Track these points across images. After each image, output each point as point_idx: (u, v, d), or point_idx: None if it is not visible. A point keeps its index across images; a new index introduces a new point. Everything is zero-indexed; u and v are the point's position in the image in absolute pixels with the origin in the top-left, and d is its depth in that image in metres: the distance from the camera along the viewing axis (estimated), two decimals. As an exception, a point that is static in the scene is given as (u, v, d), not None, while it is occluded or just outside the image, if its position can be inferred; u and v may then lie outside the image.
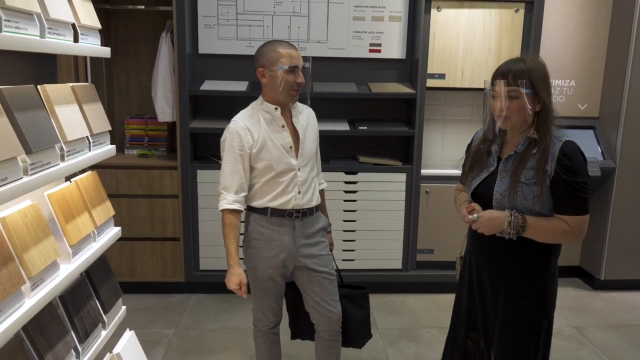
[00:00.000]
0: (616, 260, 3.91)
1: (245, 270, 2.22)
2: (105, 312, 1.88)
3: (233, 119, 2.21)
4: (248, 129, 2.15)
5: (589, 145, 3.95)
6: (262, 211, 2.21)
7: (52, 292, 1.48)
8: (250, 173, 2.20)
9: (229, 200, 2.16)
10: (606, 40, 3.94)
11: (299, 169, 2.20)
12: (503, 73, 1.78)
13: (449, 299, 3.79)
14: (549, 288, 1.88)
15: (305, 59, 2.17)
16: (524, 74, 1.74)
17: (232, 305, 3.63)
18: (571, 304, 3.78)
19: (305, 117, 2.30)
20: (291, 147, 2.18)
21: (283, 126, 2.18)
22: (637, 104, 3.75)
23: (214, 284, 3.77)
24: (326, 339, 2.36)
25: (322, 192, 2.45)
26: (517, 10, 3.65)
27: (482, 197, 1.88)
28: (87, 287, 1.81)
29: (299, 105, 2.30)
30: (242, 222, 2.25)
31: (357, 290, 2.46)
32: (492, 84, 1.81)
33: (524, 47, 3.68)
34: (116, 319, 1.98)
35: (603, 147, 3.93)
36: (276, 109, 2.17)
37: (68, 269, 1.60)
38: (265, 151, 2.15)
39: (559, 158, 1.73)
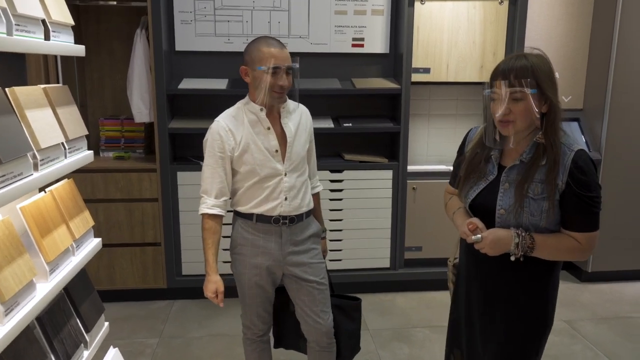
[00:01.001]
0: (603, 252, 3.91)
1: (232, 275, 2.14)
2: (87, 330, 1.75)
3: (216, 118, 2.09)
4: (230, 130, 2.03)
5: (574, 137, 3.93)
6: (248, 216, 2.10)
7: (28, 316, 1.35)
8: (233, 177, 2.09)
9: (209, 205, 2.07)
10: (589, 31, 3.93)
11: (285, 174, 2.07)
12: (504, 72, 1.56)
13: (439, 297, 3.78)
14: (550, 298, 1.72)
15: (293, 59, 2.02)
16: (527, 71, 1.53)
17: (217, 310, 3.51)
18: (560, 297, 3.67)
19: (297, 117, 2.15)
20: (277, 151, 2.06)
21: (269, 128, 2.06)
22: (621, 95, 3.74)
23: (198, 289, 3.61)
24: (316, 350, 2.27)
25: (316, 195, 2.34)
26: (502, 2, 3.59)
27: (482, 209, 1.68)
28: (67, 306, 1.68)
29: (291, 104, 2.16)
30: (229, 224, 2.15)
31: (348, 301, 2.34)
32: (492, 85, 1.59)
33: (508, 39, 3.63)
34: (99, 336, 1.85)
35: (588, 138, 3.92)
36: (261, 109, 2.04)
37: (45, 288, 1.47)
38: (249, 154, 2.03)
39: (571, 171, 1.55)
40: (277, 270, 2.14)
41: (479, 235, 1.62)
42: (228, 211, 2.13)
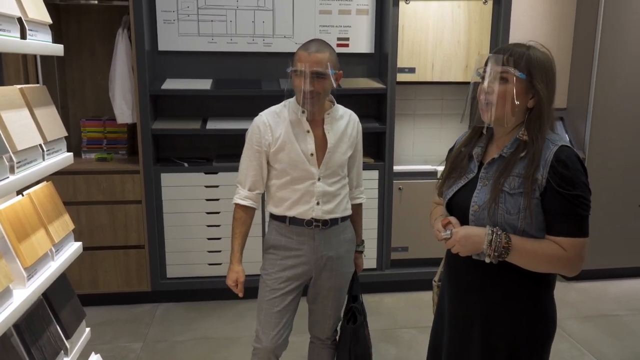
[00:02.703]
0: (588, 250, 3.92)
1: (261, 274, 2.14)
2: (68, 337, 1.70)
3: (260, 113, 2.09)
4: (270, 125, 2.03)
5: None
6: (282, 219, 2.09)
7: (5, 323, 1.31)
8: (269, 172, 2.09)
9: (242, 196, 2.09)
10: (572, 31, 3.95)
11: (319, 179, 2.04)
12: (499, 51, 1.48)
13: (426, 297, 3.76)
14: (539, 329, 1.51)
15: (324, 66, 1.93)
16: (522, 57, 1.44)
17: (202, 313, 3.47)
18: (546, 296, 3.77)
19: (343, 124, 2.11)
20: (312, 155, 2.03)
21: (308, 131, 2.04)
22: (604, 94, 3.77)
23: (183, 291, 3.61)
24: (316, 344, 2.31)
25: (357, 206, 2.30)
26: (486, 1, 3.60)
27: (459, 208, 1.56)
28: (46, 312, 1.63)
29: (339, 110, 2.12)
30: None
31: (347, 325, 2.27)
32: (486, 63, 1.49)
33: (493, 39, 3.64)
34: (79, 343, 1.81)
35: (572, 137, 3.94)
36: (303, 112, 2.02)
37: (23, 294, 1.43)
38: (284, 153, 2.02)
39: (552, 165, 1.40)
40: (307, 273, 2.12)
41: (449, 231, 1.50)
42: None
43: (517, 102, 1.44)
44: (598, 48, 3.70)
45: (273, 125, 2.04)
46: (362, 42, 3.71)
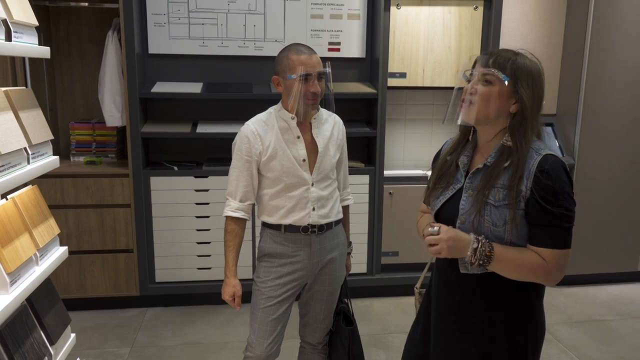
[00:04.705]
0: (576, 255, 3.94)
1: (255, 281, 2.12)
2: (52, 343, 1.68)
3: (247, 122, 2.07)
4: (259, 134, 2.01)
5: (548, 142, 3.98)
6: (276, 227, 2.07)
7: (-14, 329, 1.29)
8: (260, 182, 2.07)
9: (233, 208, 2.05)
10: (562, 37, 3.98)
11: (312, 184, 2.04)
12: (487, 53, 1.49)
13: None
14: (531, 336, 1.51)
15: (324, 64, 1.99)
16: (508, 61, 1.44)
17: (191, 318, 3.45)
18: (535, 301, 3.78)
19: (329, 127, 2.12)
20: (304, 160, 2.02)
21: (298, 137, 2.03)
22: (593, 100, 3.79)
23: (171, 296, 3.59)
24: (306, 349, 2.30)
25: (346, 208, 2.29)
26: (476, 7, 3.61)
27: (447, 219, 1.54)
28: (30, 318, 1.61)
29: (324, 113, 2.12)
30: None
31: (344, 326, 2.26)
32: (473, 66, 1.51)
33: (483, 44, 3.65)
34: (64, 348, 1.78)
35: (561, 143, 3.96)
36: (293, 118, 2.01)
37: (6, 300, 1.41)
38: (276, 161, 2.01)
39: (535, 175, 1.39)
40: (303, 280, 2.11)
41: (437, 228, 1.46)
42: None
43: (498, 104, 1.44)
44: (587, 54, 3.73)
45: (262, 133, 2.02)
46: (353, 46, 3.72)
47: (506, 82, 1.43)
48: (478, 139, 1.57)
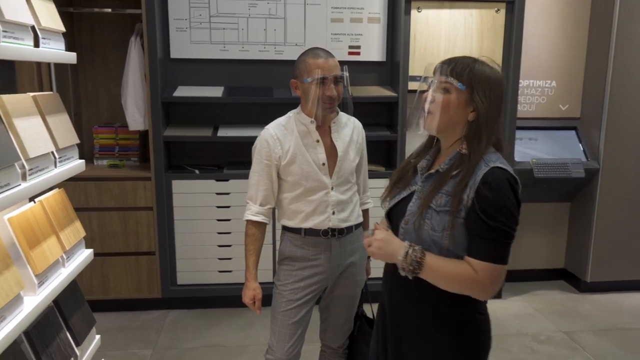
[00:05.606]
0: (602, 261, 3.88)
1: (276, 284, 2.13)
2: (78, 344, 1.70)
3: (266, 126, 2.08)
4: (278, 138, 2.02)
5: (571, 146, 3.92)
6: (296, 230, 2.08)
7: (15, 331, 1.31)
8: (280, 186, 2.07)
9: (253, 212, 2.06)
10: (586, 39, 3.91)
11: (332, 188, 2.04)
12: (446, 61, 1.47)
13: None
14: (471, 342, 1.49)
15: (341, 68, 1.99)
16: (465, 69, 1.42)
17: (212, 320, 3.47)
18: (558, 307, 3.72)
19: (348, 132, 2.12)
20: (324, 164, 2.03)
21: (318, 141, 2.03)
22: (618, 103, 3.72)
23: (193, 298, 3.61)
24: (327, 353, 2.29)
25: (366, 211, 2.29)
26: (498, 10, 3.58)
27: (396, 219, 1.54)
28: (56, 319, 1.63)
29: (343, 117, 2.12)
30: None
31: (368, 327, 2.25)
32: (434, 73, 1.49)
33: (505, 47, 3.62)
34: (90, 350, 1.81)
35: (585, 147, 3.90)
36: (312, 122, 2.02)
37: (34, 301, 1.43)
38: (296, 165, 2.01)
39: (478, 186, 1.37)
40: (323, 283, 2.11)
41: (372, 231, 1.48)
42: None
43: (454, 113, 1.44)
44: (612, 55, 3.66)
45: (282, 137, 2.03)
46: (373, 50, 3.71)
47: (463, 91, 1.42)
48: (441, 145, 1.57)
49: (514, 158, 3.70)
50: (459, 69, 1.43)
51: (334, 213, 2.04)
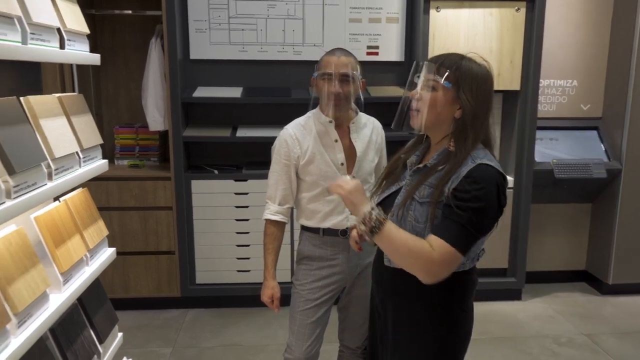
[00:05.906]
0: (624, 263, 3.82)
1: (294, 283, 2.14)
2: (101, 341, 1.73)
3: (285, 126, 2.10)
4: (297, 138, 2.04)
5: (592, 147, 3.86)
6: (315, 230, 2.09)
7: (41, 327, 1.34)
8: (298, 186, 2.09)
9: (272, 211, 2.08)
10: (608, 37, 3.86)
11: None
12: (434, 59, 1.48)
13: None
14: (448, 338, 1.52)
15: (352, 68, 1.97)
16: (452, 66, 1.43)
17: (231, 319, 3.49)
18: (580, 310, 3.68)
19: (368, 132, 2.12)
20: (342, 164, 2.04)
21: (336, 141, 2.04)
22: (642, 102, 3.66)
23: (212, 298, 3.64)
24: (345, 354, 2.28)
25: None
26: (518, 9, 3.54)
27: (384, 213, 1.53)
28: (80, 317, 1.66)
29: (362, 117, 2.12)
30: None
31: None
32: (421, 71, 1.50)
33: (525, 46, 3.58)
34: (112, 347, 1.83)
35: (607, 147, 3.84)
36: (330, 122, 2.02)
37: (59, 299, 1.46)
38: (314, 165, 2.03)
39: (461, 180, 1.38)
40: (341, 283, 2.12)
41: (349, 176, 1.53)
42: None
43: (441, 110, 1.45)
44: (636, 53, 3.60)
45: (300, 137, 2.04)
46: (392, 50, 3.70)
47: (449, 89, 1.43)
48: (430, 141, 1.58)
49: (534, 158, 3.66)
50: (446, 66, 1.44)
51: (352, 213, 2.04)
